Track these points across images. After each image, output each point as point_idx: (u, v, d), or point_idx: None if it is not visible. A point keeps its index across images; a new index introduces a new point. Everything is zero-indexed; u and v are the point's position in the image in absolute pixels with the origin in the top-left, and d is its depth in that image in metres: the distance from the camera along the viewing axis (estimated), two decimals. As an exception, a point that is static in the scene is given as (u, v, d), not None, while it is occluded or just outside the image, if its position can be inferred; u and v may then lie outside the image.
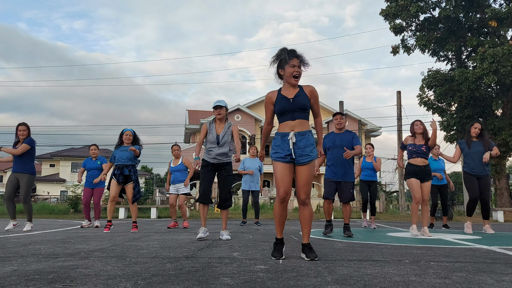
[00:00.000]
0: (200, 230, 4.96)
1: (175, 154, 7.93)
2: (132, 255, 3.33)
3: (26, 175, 6.47)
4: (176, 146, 8.04)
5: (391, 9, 18.44)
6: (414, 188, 5.72)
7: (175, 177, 7.83)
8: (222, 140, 4.98)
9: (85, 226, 7.75)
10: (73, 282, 2.19)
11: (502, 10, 16.65)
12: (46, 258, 3.14)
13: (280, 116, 3.31)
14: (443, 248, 4.00)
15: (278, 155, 3.23)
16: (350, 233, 5.44)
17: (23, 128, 6.51)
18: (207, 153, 5.02)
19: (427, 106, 19.08)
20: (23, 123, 6.60)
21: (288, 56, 3.24)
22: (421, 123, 5.94)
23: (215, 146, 4.98)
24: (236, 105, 33.22)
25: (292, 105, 3.21)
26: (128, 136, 6.57)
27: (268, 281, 2.22)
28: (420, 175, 5.73)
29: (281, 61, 3.27)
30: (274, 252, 3.25)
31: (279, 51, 3.31)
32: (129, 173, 6.45)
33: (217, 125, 5.08)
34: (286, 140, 3.22)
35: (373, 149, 8.34)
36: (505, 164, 18.63)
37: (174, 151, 7.95)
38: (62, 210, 16.09)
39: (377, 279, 2.29)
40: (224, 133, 5.00)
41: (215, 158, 4.97)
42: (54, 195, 37.00)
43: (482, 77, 16.16)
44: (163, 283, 2.17)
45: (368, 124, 33.89)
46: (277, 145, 3.25)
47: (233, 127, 5.11)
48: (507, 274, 2.50)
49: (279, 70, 3.31)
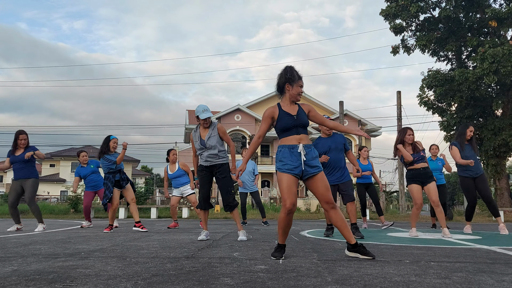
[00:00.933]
0: (202, 233, 4.97)
1: (173, 158, 7.76)
2: (132, 255, 3.33)
3: (32, 179, 6.64)
4: (174, 150, 7.96)
5: (391, 9, 18.45)
6: (414, 193, 5.68)
7: (177, 182, 7.79)
8: (208, 142, 4.87)
9: (85, 226, 7.75)
10: (73, 282, 2.19)
11: (502, 10, 16.66)
12: (46, 258, 3.14)
13: (283, 132, 3.34)
14: (443, 248, 4.00)
15: (287, 166, 3.23)
16: (360, 234, 5.41)
17: (24, 137, 6.64)
18: (200, 157, 4.97)
19: (427, 106, 19.08)
20: (23, 131, 6.69)
21: (298, 76, 3.35)
22: (413, 133, 5.80)
23: (204, 149, 4.91)
24: (236, 105, 33.23)
25: (297, 122, 3.29)
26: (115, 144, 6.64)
27: (268, 281, 2.22)
28: (421, 178, 5.65)
29: (290, 78, 3.34)
30: (275, 252, 3.28)
31: (289, 69, 3.38)
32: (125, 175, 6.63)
33: (202, 130, 4.97)
34: (295, 152, 3.24)
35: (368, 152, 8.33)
36: (505, 164, 18.63)
37: (173, 156, 7.77)
38: (62, 210, 16.10)
39: (377, 279, 2.29)
40: (209, 135, 4.90)
41: (207, 161, 4.90)
42: (54, 195, 36.99)
43: (482, 77, 16.16)
44: (163, 283, 2.17)
45: (368, 124, 33.90)
46: (285, 157, 3.26)
47: (218, 126, 5.00)
48: (508, 274, 2.50)
49: (286, 86, 3.35)
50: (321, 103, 34.93)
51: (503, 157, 18.04)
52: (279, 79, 3.39)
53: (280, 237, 3.34)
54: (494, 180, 18.51)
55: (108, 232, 6.19)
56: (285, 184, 3.23)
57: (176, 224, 7.70)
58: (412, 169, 5.70)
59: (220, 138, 4.96)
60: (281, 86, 3.37)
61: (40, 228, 6.65)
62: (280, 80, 3.38)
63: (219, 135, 4.95)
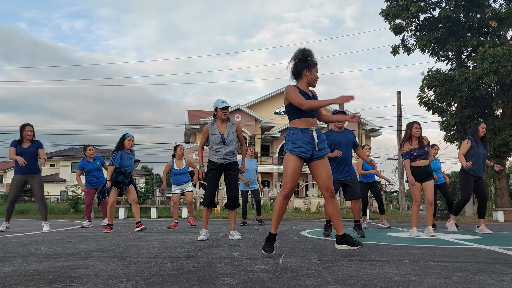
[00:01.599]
0: (201, 232, 4.96)
1: (181, 153, 7.86)
2: (132, 255, 3.33)
3: (37, 174, 6.65)
4: (181, 145, 8.04)
5: (391, 9, 18.44)
6: (414, 190, 5.70)
7: (179, 179, 7.81)
8: (228, 138, 4.88)
9: (85, 226, 7.73)
10: (73, 282, 2.19)
11: (502, 10, 16.65)
12: (46, 258, 3.14)
13: (299, 112, 3.28)
14: (443, 248, 4.00)
15: (301, 149, 3.23)
16: (362, 232, 5.43)
17: (30, 129, 6.62)
18: (215, 154, 4.90)
19: (427, 106, 19.07)
20: (29, 124, 6.67)
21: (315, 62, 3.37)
22: (420, 127, 5.83)
23: (222, 146, 4.87)
24: (236, 105, 33.25)
25: None
26: (131, 142, 6.57)
27: (268, 281, 2.22)
28: (422, 176, 5.68)
29: (309, 62, 3.32)
30: (266, 246, 3.33)
31: (308, 52, 3.34)
32: (130, 178, 6.64)
33: (219, 125, 4.97)
34: (308, 136, 3.26)
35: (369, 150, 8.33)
36: (505, 164, 18.62)
37: (180, 151, 7.88)
38: (62, 210, 16.10)
39: (377, 279, 2.29)
40: (228, 132, 4.91)
41: (224, 159, 4.87)
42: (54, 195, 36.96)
43: (482, 77, 16.16)
44: (163, 283, 2.17)
45: (368, 124, 33.90)
46: (299, 139, 3.24)
47: (236, 124, 5.03)
48: (508, 274, 2.50)
49: (305, 71, 3.32)
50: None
51: (503, 157, 18.03)
52: (298, 63, 3.33)
53: (273, 224, 3.38)
54: (494, 180, 18.50)
55: (108, 232, 6.18)
56: (291, 167, 3.24)
57: (176, 224, 7.69)
58: (414, 167, 5.72)
59: (237, 137, 5.00)
60: (300, 71, 3.33)
61: (47, 227, 6.66)
62: (299, 64, 3.33)
63: (236, 132, 4.99)
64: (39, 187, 6.61)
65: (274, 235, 3.38)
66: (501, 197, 17.86)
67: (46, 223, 6.76)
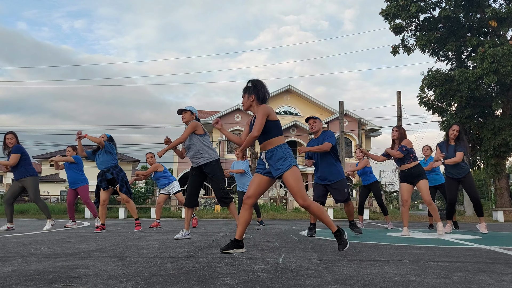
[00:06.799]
0: (181, 231, 5.01)
1: (148, 162, 8.13)
2: (132, 255, 3.33)
3: (28, 178, 6.66)
4: (148, 154, 8.18)
5: (391, 9, 18.45)
6: (401, 191, 5.85)
7: (161, 182, 8.07)
8: (186, 143, 5.03)
9: (69, 227, 7.63)
10: (73, 282, 2.19)
11: (502, 10, 16.66)
12: (46, 258, 3.14)
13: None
14: (443, 248, 4.00)
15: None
16: (359, 229, 5.48)
17: (10, 137, 6.64)
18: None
19: (427, 106, 19.08)
20: (10, 131, 6.71)
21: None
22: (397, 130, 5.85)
23: (187, 151, 5.07)
24: (236, 105, 33.23)
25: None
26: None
27: (268, 281, 2.22)
28: (408, 179, 5.74)
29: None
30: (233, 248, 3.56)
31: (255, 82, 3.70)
32: (112, 176, 6.32)
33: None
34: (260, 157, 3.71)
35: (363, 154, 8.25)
36: (505, 164, 18.63)
37: (148, 159, 8.12)
38: (62, 210, 16.09)
39: (377, 279, 2.29)
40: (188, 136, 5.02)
41: (193, 162, 5.02)
42: (54, 195, 36.96)
43: (482, 77, 16.17)
44: (163, 283, 2.17)
45: (368, 124, 33.89)
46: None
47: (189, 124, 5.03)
48: (507, 274, 2.50)
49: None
50: (321, 103, 34.92)
51: (503, 157, 18.04)
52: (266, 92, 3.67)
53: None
54: (494, 180, 18.50)
55: (99, 232, 6.06)
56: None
57: (158, 223, 7.70)
58: (401, 170, 5.84)
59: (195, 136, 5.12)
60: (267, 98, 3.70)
61: (48, 226, 6.68)
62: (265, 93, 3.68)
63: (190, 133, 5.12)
64: (31, 190, 6.68)
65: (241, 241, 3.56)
66: (501, 197, 17.85)
67: (48, 221, 6.84)
